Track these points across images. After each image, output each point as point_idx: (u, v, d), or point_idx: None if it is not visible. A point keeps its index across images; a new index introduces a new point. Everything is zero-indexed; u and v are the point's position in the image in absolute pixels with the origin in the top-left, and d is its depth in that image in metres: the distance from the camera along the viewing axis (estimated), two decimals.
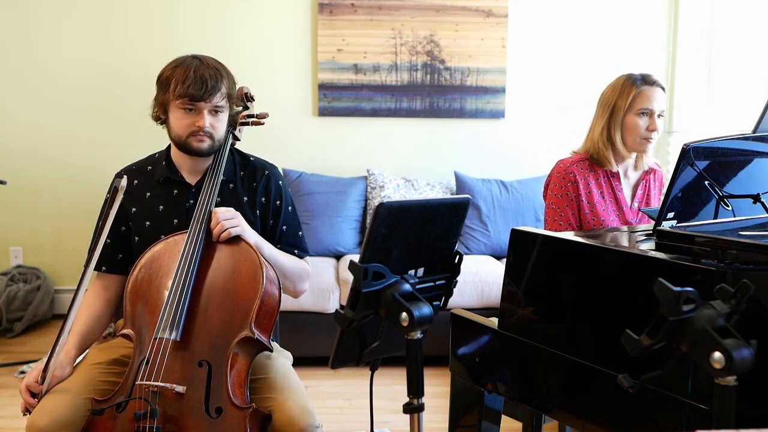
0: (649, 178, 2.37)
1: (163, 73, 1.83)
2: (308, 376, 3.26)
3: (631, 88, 2.23)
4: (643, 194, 2.36)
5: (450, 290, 1.47)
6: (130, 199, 1.92)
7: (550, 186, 2.33)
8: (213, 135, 1.83)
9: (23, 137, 4.10)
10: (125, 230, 1.93)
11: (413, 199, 2.28)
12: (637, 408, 1.39)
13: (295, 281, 1.96)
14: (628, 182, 2.35)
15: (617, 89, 2.26)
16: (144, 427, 1.55)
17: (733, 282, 1.15)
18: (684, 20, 4.17)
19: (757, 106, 2.21)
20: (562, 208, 2.26)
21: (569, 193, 2.26)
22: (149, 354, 1.63)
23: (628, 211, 2.30)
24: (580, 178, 2.27)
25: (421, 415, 1.35)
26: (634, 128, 2.24)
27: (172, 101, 1.80)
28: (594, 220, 2.26)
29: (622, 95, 2.24)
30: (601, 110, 2.30)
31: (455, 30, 4.17)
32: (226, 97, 1.83)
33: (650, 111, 2.23)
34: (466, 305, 3.37)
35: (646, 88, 2.23)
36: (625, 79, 2.27)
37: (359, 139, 4.27)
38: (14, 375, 3.31)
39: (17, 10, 4.02)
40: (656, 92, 2.24)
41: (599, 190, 2.28)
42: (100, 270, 1.91)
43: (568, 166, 2.30)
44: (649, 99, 2.22)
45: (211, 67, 1.81)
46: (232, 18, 4.11)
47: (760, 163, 1.77)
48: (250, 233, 1.82)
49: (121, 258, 1.93)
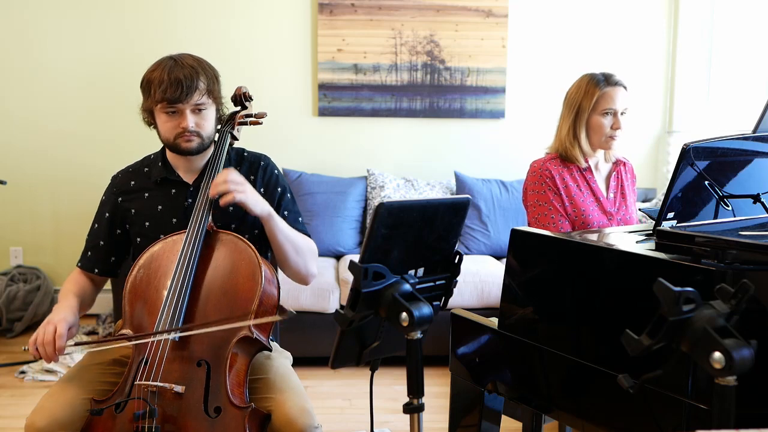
0: (620, 169, 2.44)
1: (144, 78, 1.84)
2: (308, 376, 3.26)
3: (594, 89, 2.30)
4: (617, 185, 2.42)
5: (450, 290, 1.47)
6: (129, 200, 1.93)
7: (528, 188, 2.38)
8: (200, 133, 1.83)
9: (23, 137, 4.10)
10: (120, 233, 1.94)
11: (413, 199, 2.28)
12: (637, 408, 1.39)
13: (306, 258, 1.91)
14: (600, 174, 2.42)
15: (581, 90, 2.33)
16: (143, 427, 1.55)
17: (733, 282, 1.15)
18: (684, 20, 4.17)
19: (757, 106, 2.21)
20: (548, 201, 2.31)
21: (551, 188, 2.32)
22: (148, 354, 1.63)
23: (605, 201, 2.36)
24: (555, 173, 2.33)
25: (421, 415, 1.35)
26: (599, 128, 2.31)
27: (154, 106, 1.81)
28: (575, 212, 2.32)
29: (587, 96, 2.30)
30: (567, 110, 2.36)
31: (455, 30, 4.17)
32: (206, 93, 1.81)
33: (614, 110, 2.30)
34: (466, 305, 3.37)
35: (609, 88, 2.29)
36: (588, 80, 2.33)
37: (359, 139, 4.27)
38: (14, 375, 3.31)
39: (17, 10, 4.02)
40: (619, 92, 2.30)
41: (575, 183, 2.34)
42: (92, 272, 1.94)
43: (542, 164, 2.36)
44: (612, 99, 2.29)
45: (186, 66, 1.79)
46: (232, 18, 4.11)
47: (760, 163, 1.77)
48: (258, 203, 1.77)
49: (114, 261, 1.96)
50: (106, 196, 1.97)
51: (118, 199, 1.94)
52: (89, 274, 1.94)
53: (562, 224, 2.30)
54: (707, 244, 1.37)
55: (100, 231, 1.94)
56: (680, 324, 1.10)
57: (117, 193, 1.94)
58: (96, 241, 1.94)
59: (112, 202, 1.94)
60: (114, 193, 1.95)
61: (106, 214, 1.94)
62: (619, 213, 2.37)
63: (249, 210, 1.77)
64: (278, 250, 1.86)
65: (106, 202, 1.96)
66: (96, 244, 1.94)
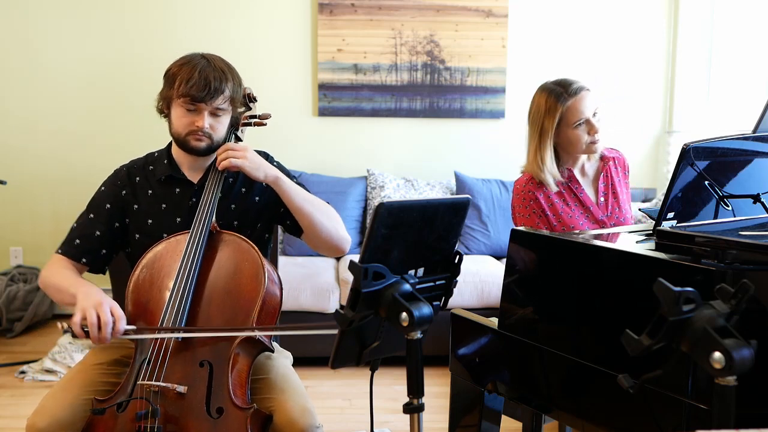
0: (608, 167, 2.28)
1: (170, 69, 1.83)
2: (308, 376, 3.26)
3: (555, 105, 2.13)
4: (606, 185, 2.27)
5: (450, 290, 1.47)
6: (133, 195, 1.91)
7: (515, 210, 2.25)
8: (212, 136, 1.83)
9: (23, 137, 4.10)
10: (119, 226, 1.89)
11: (413, 199, 2.28)
12: (637, 408, 1.39)
13: (335, 221, 1.88)
14: (587, 180, 2.28)
15: (542, 110, 2.15)
16: (145, 427, 1.55)
17: (733, 282, 1.15)
18: (684, 20, 4.18)
19: (757, 106, 2.20)
20: (535, 225, 2.20)
21: (535, 211, 2.20)
22: (151, 354, 1.64)
23: (596, 209, 2.23)
24: (539, 193, 2.19)
25: (421, 415, 1.35)
26: (577, 141, 2.15)
27: (174, 98, 1.80)
28: (564, 229, 2.19)
29: (548, 115, 2.13)
30: (531, 130, 2.20)
31: (455, 30, 4.18)
32: (229, 100, 1.82)
33: (585, 119, 2.13)
34: (466, 305, 3.37)
35: (572, 100, 2.12)
36: (546, 97, 2.15)
37: (359, 139, 4.27)
38: (14, 375, 3.31)
39: (17, 10, 4.02)
40: (583, 98, 2.13)
41: (561, 198, 2.21)
42: (79, 261, 1.85)
43: (523, 185, 2.22)
44: (578, 110, 2.12)
45: (217, 69, 1.80)
46: (232, 18, 4.11)
47: (760, 163, 1.77)
48: (260, 167, 1.78)
49: (104, 254, 1.88)
50: (107, 187, 1.92)
51: (121, 192, 1.90)
52: (75, 263, 1.85)
53: None
54: (707, 244, 1.37)
55: (97, 221, 1.87)
56: (680, 324, 1.10)
57: (121, 186, 1.91)
58: (90, 230, 1.86)
59: (115, 194, 1.90)
60: (118, 185, 1.91)
61: (106, 205, 1.88)
62: (612, 218, 2.25)
63: (249, 175, 1.77)
64: (301, 215, 1.82)
65: (106, 193, 1.90)
66: (90, 233, 1.86)
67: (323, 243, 1.88)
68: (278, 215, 1.95)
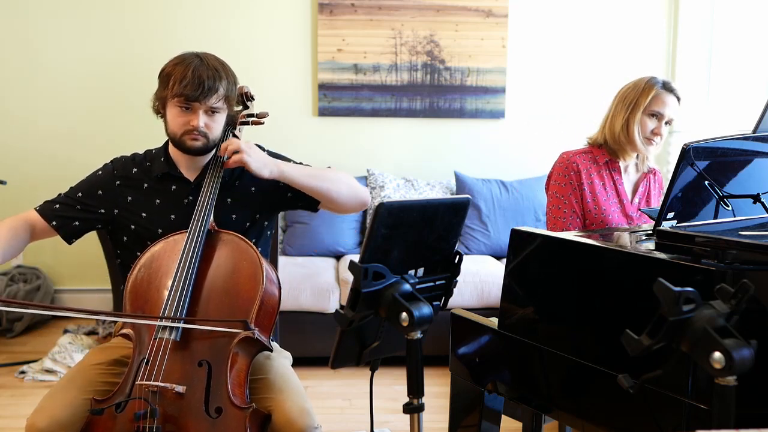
0: (649, 177, 2.45)
1: (164, 69, 1.83)
2: (308, 376, 3.26)
3: (651, 88, 2.32)
4: (644, 192, 2.43)
5: (450, 290, 1.47)
6: (127, 186, 1.91)
7: (552, 176, 2.39)
8: (207, 135, 1.83)
9: (23, 137, 4.10)
10: (103, 212, 1.89)
11: (413, 199, 2.28)
12: (637, 408, 1.39)
13: (345, 183, 1.92)
14: (628, 178, 2.43)
15: (639, 87, 2.34)
16: (144, 427, 1.55)
17: (733, 282, 1.15)
18: (684, 20, 4.17)
19: (757, 106, 2.22)
20: (566, 196, 2.33)
21: (573, 182, 2.33)
22: (149, 354, 1.63)
23: (628, 205, 2.37)
24: (582, 168, 2.34)
25: (421, 415, 1.35)
26: (643, 126, 2.32)
27: (169, 98, 1.81)
28: (596, 209, 2.32)
29: (644, 93, 2.32)
30: (621, 105, 2.36)
31: (455, 30, 4.17)
32: (223, 98, 1.82)
33: (660, 115, 2.31)
34: (466, 305, 3.37)
35: (664, 92, 2.32)
36: (648, 80, 2.35)
37: (359, 139, 4.27)
38: (14, 375, 3.31)
39: (17, 10, 4.02)
40: (671, 99, 2.32)
41: (601, 181, 2.36)
42: (50, 223, 1.86)
43: (571, 156, 2.37)
44: (663, 103, 2.31)
45: (210, 67, 1.80)
46: (232, 18, 4.11)
47: (760, 163, 1.77)
48: (266, 165, 1.80)
49: (77, 226, 1.89)
50: (104, 173, 1.94)
51: (116, 182, 1.91)
52: (42, 222, 1.85)
53: (572, 222, 2.31)
54: (707, 244, 1.37)
55: (83, 201, 1.89)
56: (680, 324, 1.10)
57: (117, 176, 1.92)
58: (73, 203, 1.88)
59: (109, 183, 1.91)
60: (114, 175, 1.92)
61: (98, 192, 1.90)
62: (641, 218, 2.37)
63: (254, 173, 1.79)
64: (314, 193, 1.86)
65: (102, 179, 1.92)
66: (71, 205, 1.88)
67: (342, 207, 1.93)
68: (287, 200, 1.97)
